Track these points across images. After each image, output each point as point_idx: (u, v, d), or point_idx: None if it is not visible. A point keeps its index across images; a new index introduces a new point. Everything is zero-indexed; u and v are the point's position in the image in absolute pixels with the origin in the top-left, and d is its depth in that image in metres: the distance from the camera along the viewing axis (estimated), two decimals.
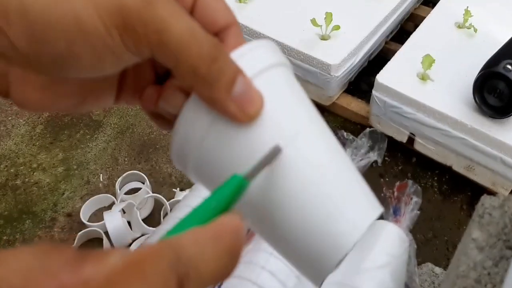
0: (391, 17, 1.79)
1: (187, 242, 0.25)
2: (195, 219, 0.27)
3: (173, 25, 0.28)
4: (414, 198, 1.09)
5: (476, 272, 0.54)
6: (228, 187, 0.29)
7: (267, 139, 0.32)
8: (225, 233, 0.26)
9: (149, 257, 0.23)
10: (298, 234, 0.33)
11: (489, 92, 1.36)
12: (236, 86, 0.31)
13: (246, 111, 0.31)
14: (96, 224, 1.40)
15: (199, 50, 0.29)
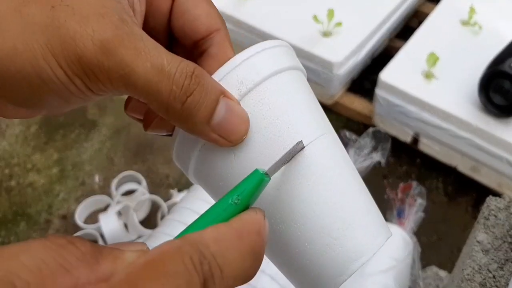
0: (395, 13, 1.78)
1: (209, 239, 0.24)
2: (215, 215, 0.27)
3: (138, 67, 0.28)
4: (419, 200, 1.09)
5: (481, 275, 0.54)
6: (249, 182, 0.28)
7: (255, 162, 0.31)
8: (248, 232, 0.25)
9: (171, 254, 0.22)
10: (302, 253, 0.31)
11: (494, 91, 1.36)
12: (216, 113, 0.30)
13: (229, 139, 0.31)
14: (91, 226, 1.40)
15: (169, 87, 0.28)
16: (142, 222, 1.42)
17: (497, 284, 0.53)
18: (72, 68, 0.27)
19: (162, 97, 0.28)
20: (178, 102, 0.29)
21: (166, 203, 1.42)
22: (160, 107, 0.29)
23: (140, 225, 1.37)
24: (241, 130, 0.31)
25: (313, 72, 1.62)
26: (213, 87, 0.30)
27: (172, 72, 0.28)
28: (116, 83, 0.28)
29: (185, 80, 0.29)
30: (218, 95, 0.30)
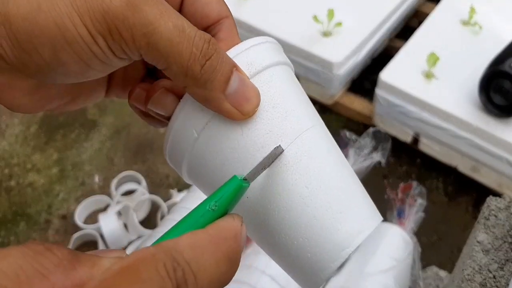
0: (395, 13, 1.77)
1: (184, 246, 0.24)
2: (193, 221, 0.27)
3: (161, 26, 0.28)
4: (419, 200, 1.08)
5: (481, 276, 0.54)
6: (227, 188, 0.28)
7: (263, 139, 0.31)
8: (224, 238, 0.25)
9: (145, 261, 0.22)
10: (295, 240, 0.31)
11: (495, 91, 1.36)
12: (231, 83, 0.30)
13: (242, 109, 0.31)
14: (91, 226, 1.39)
15: (190, 49, 0.29)
16: (142, 222, 1.41)
17: (497, 284, 0.53)
18: (96, 26, 0.27)
19: (182, 58, 0.29)
20: (198, 64, 0.29)
21: (166, 203, 1.42)
22: (180, 69, 0.29)
23: (140, 225, 1.37)
24: (254, 102, 0.31)
25: (313, 72, 1.62)
26: (227, 58, 0.31)
27: (192, 35, 0.29)
28: (138, 41, 0.28)
29: (204, 44, 0.29)
30: (232, 66, 0.31)
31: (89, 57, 0.28)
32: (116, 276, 0.22)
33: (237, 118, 0.31)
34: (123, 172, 1.50)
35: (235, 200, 0.28)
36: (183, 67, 0.29)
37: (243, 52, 0.33)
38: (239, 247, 0.26)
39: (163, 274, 0.22)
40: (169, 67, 0.29)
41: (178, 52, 0.28)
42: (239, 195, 0.29)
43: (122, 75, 0.37)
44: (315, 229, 0.31)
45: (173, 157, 0.35)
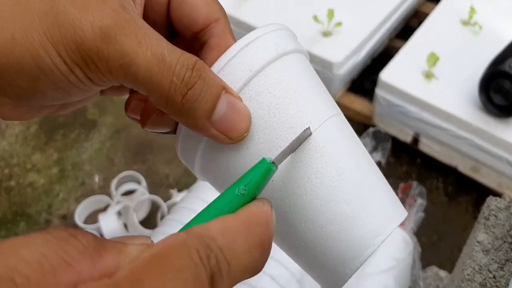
0: (395, 13, 1.77)
1: (216, 231, 0.23)
2: (221, 206, 0.26)
3: (138, 56, 0.27)
4: (419, 200, 1.08)
5: (481, 276, 0.54)
6: (257, 171, 0.27)
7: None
8: (256, 223, 0.24)
9: (177, 248, 0.21)
10: (323, 227, 0.30)
11: (495, 91, 1.36)
12: (217, 109, 0.29)
13: (229, 135, 0.30)
14: (91, 226, 1.39)
15: (170, 79, 0.27)
16: (142, 222, 1.41)
17: (497, 284, 0.53)
18: (71, 57, 0.26)
19: (162, 89, 0.27)
20: (178, 94, 0.28)
21: (166, 203, 1.42)
22: (160, 99, 0.28)
23: (140, 225, 1.37)
24: (243, 128, 0.30)
25: None
26: (214, 82, 0.29)
27: (173, 63, 0.28)
28: (115, 73, 0.27)
29: (186, 72, 0.28)
30: (219, 90, 0.29)
31: (67, 85, 0.28)
32: (147, 264, 0.20)
33: (227, 143, 0.30)
34: (123, 172, 1.50)
35: (263, 184, 0.27)
36: (163, 97, 0.28)
37: (234, 58, 0.31)
38: (270, 233, 0.25)
39: (196, 262, 0.21)
40: (150, 95, 0.28)
41: (157, 83, 0.27)
42: (267, 179, 0.27)
43: None
44: (345, 215, 0.30)
45: (185, 154, 0.33)
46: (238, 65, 0.30)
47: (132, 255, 0.22)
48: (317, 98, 0.32)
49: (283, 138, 0.30)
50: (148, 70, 0.27)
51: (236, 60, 0.30)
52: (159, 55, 0.27)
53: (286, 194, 0.30)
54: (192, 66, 0.28)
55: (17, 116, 0.31)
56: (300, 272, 0.88)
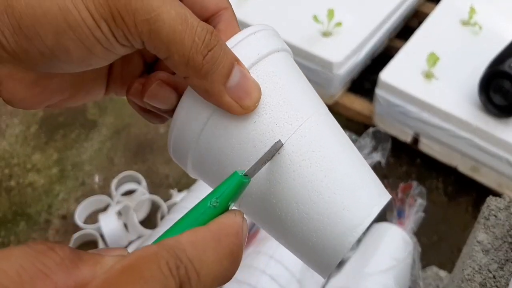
0: (395, 13, 1.77)
1: (186, 243, 0.24)
2: (194, 218, 0.27)
3: (164, 13, 0.27)
4: (419, 200, 1.08)
5: (481, 276, 0.54)
6: (228, 184, 0.28)
7: (266, 131, 0.31)
8: (226, 234, 0.25)
9: (147, 260, 0.22)
10: (307, 222, 0.31)
11: (494, 91, 1.36)
12: (232, 77, 0.30)
13: (242, 103, 0.31)
14: (91, 226, 1.39)
15: (192, 38, 0.28)
16: (142, 222, 1.41)
17: (497, 284, 0.53)
18: (99, 10, 0.27)
19: (184, 47, 0.28)
20: (199, 54, 0.29)
21: (166, 203, 1.41)
22: (181, 59, 0.29)
23: (140, 225, 1.37)
24: (254, 97, 0.31)
25: (313, 72, 1.62)
26: (229, 51, 0.30)
27: (194, 25, 0.29)
28: (140, 27, 0.27)
29: (207, 35, 0.29)
30: (233, 59, 0.30)
31: (92, 42, 0.28)
32: (119, 275, 0.22)
33: (238, 113, 0.31)
34: (123, 172, 1.50)
35: (236, 196, 0.28)
36: (184, 57, 0.28)
37: (245, 40, 0.32)
38: (240, 243, 0.26)
39: (166, 273, 0.22)
40: (170, 56, 0.29)
41: (180, 41, 0.28)
42: (240, 191, 0.28)
43: (121, 71, 0.36)
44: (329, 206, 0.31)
45: (178, 151, 0.34)
46: (247, 47, 0.32)
47: (107, 265, 0.23)
48: (310, 90, 0.34)
49: (289, 114, 0.31)
50: (172, 27, 0.28)
51: (245, 42, 0.32)
52: (182, 15, 0.28)
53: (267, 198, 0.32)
54: (211, 31, 0.29)
55: (29, 100, 0.31)
56: (300, 272, 0.88)
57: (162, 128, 1.68)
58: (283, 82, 0.33)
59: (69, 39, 0.28)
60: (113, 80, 0.36)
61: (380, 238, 1.00)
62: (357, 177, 0.32)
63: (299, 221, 0.31)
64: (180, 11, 0.28)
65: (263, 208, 0.32)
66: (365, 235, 1.04)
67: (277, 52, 0.34)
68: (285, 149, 0.31)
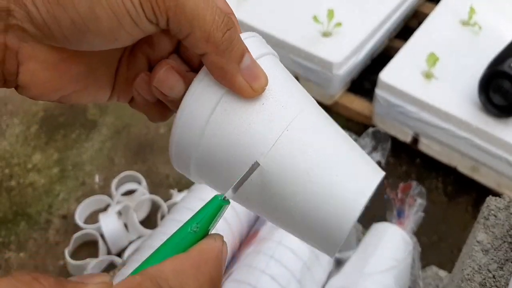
0: (395, 14, 1.77)
1: (168, 272, 0.25)
2: (175, 244, 0.28)
3: None
4: (418, 200, 1.08)
5: (481, 275, 0.54)
6: (208, 209, 0.29)
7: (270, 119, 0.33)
8: (206, 260, 0.27)
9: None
10: (309, 205, 0.33)
11: (494, 91, 1.36)
12: (244, 59, 0.32)
13: (253, 85, 0.32)
14: (91, 226, 1.39)
15: (213, 16, 0.30)
16: (142, 222, 1.41)
17: (497, 284, 0.53)
18: None
19: (206, 23, 0.30)
20: (219, 31, 0.31)
21: (166, 203, 1.41)
22: (202, 34, 0.30)
23: (140, 225, 1.37)
24: (264, 80, 0.33)
25: (313, 72, 1.62)
26: (240, 38, 0.33)
27: (214, 5, 0.31)
28: (168, 3, 0.29)
29: (225, 17, 0.31)
30: (244, 46, 0.33)
31: (122, 12, 0.29)
32: None
33: (248, 95, 0.33)
34: (123, 172, 1.50)
35: (216, 220, 0.29)
36: (206, 32, 0.30)
37: (246, 40, 0.35)
38: (220, 266, 0.27)
39: None
40: (192, 32, 0.30)
41: (202, 17, 0.30)
42: (219, 215, 0.29)
43: (126, 75, 0.37)
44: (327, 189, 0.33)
45: (180, 156, 0.35)
46: (249, 45, 0.34)
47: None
48: (299, 89, 0.36)
49: (292, 99, 0.34)
50: (196, 4, 0.30)
51: (247, 42, 0.34)
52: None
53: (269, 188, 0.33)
54: (229, 13, 0.32)
55: (47, 84, 0.32)
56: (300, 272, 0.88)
57: (162, 128, 1.68)
58: (283, 76, 0.35)
59: (101, 7, 0.29)
60: (118, 82, 0.37)
61: (380, 238, 1.00)
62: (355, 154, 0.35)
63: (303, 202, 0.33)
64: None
65: (265, 196, 0.34)
66: (365, 235, 1.04)
67: (271, 55, 0.36)
68: (293, 126, 0.33)
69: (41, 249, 1.40)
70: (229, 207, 0.29)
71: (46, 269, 1.36)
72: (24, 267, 1.37)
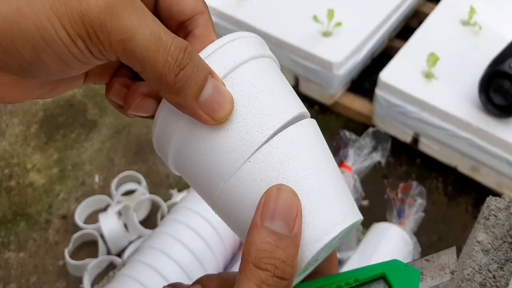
0: (395, 13, 1.77)
1: None
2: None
3: (138, 33, 0.28)
4: (419, 200, 1.08)
5: (481, 275, 0.54)
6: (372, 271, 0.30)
7: (238, 139, 0.32)
8: None
9: None
10: None
11: (494, 91, 1.36)
12: (205, 91, 0.31)
13: (214, 116, 0.32)
14: (91, 226, 1.39)
15: (165, 58, 0.29)
16: (142, 222, 1.41)
17: (497, 284, 0.53)
18: (75, 29, 0.28)
19: (157, 66, 0.29)
20: (171, 73, 0.29)
21: (166, 203, 1.41)
22: (154, 76, 0.29)
23: (140, 225, 1.37)
24: (226, 109, 0.32)
25: (313, 72, 1.62)
26: (203, 66, 0.31)
27: (168, 44, 0.29)
28: (115, 46, 0.28)
29: (180, 54, 0.30)
30: (207, 73, 0.31)
31: (69, 58, 0.29)
32: None
33: (210, 124, 0.32)
34: (123, 172, 1.50)
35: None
36: (157, 74, 0.29)
37: (220, 49, 0.33)
38: None
39: None
40: (144, 72, 0.30)
41: (153, 60, 0.29)
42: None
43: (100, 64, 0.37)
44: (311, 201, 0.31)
45: (160, 150, 0.36)
46: (224, 55, 0.33)
47: None
48: (289, 97, 0.34)
49: (261, 123, 0.32)
50: (145, 47, 0.29)
51: (222, 50, 0.33)
52: (157, 34, 0.29)
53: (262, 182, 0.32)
54: (184, 48, 0.30)
55: (10, 97, 0.32)
56: None
57: None
58: (258, 90, 0.33)
59: (47, 55, 0.28)
60: (92, 71, 0.37)
61: (380, 238, 1.00)
62: (324, 193, 0.32)
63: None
64: (155, 30, 0.29)
65: (234, 211, 0.33)
66: (365, 235, 1.04)
67: (256, 59, 0.34)
68: (255, 158, 0.32)
69: (41, 249, 1.40)
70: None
71: (46, 269, 1.36)
72: (24, 267, 1.37)
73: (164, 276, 0.84)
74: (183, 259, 0.87)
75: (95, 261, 1.29)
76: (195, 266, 0.86)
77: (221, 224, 0.87)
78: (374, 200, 1.41)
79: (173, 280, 0.79)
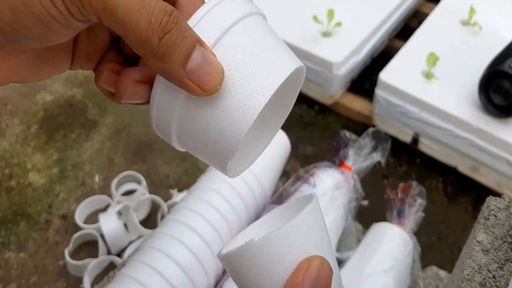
0: (395, 13, 1.77)
1: None
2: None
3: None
4: (419, 200, 1.08)
5: (481, 275, 0.54)
6: None
7: (239, 106, 0.31)
8: None
9: None
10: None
11: (494, 91, 1.36)
12: (192, 59, 0.29)
13: (203, 86, 0.30)
14: (91, 226, 1.39)
15: (148, 19, 0.28)
16: (142, 222, 1.41)
17: (497, 284, 0.53)
18: None
19: (140, 29, 0.27)
20: (155, 36, 0.28)
21: (166, 203, 1.41)
22: (137, 40, 0.28)
23: (140, 225, 1.37)
24: (216, 80, 0.30)
25: (313, 72, 1.62)
26: (190, 33, 0.29)
27: (151, 5, 0.28)
28: (95, 5, 0.27)
29: (164, 17, 0.28)
30: (194, 41, 0.29)
31: (48, 20, 0.28)
32: None
33: (199, 95, 0.30)
34: (123, 172, 1.50)
35: None
36: (141, 37, 0.28)
37: (204, 17, 0.31)
38: None
39: None
40: (127, 36, 0.28)
41: (136, 21, 0.27)
42: None
43: (87, 46, 0.36)
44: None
45: (160, 129, 0.34)
46: (210, 22, 0.31)
47: None
48: (283, 50, 0.35)
49: (261, 85, 0.31)
50: (127, 7, 0.27)
51: (208, 17, 0.31)
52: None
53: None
54: (170, 12, 0.28)
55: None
56: None
57: None
58: (252, 53, 0.32)
59: (26, 17, 0.27)
60: (78, 55, 0.36)
61: (380, 238, 1.00)
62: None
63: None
64: None
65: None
66: (365, 235, 1.04)
67: (244, 19, 0.33)
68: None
69: (41, 249, 1.40)
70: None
71: (46, 269, 1.36)
72: (24, 267, 1.37)
73: (164, 276, 0.84)
74: (183, 259, 0.87)
75: (95, 261, 1.29)
76: (195, 266, 0.86)
77: (222, 224, 0.87)
78: (374, 200, 1.41)
79: (173, 280, 0.79)
